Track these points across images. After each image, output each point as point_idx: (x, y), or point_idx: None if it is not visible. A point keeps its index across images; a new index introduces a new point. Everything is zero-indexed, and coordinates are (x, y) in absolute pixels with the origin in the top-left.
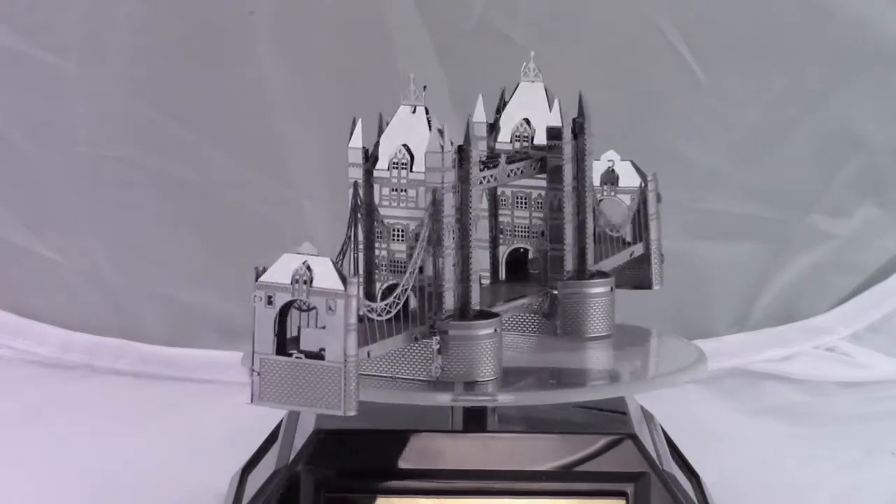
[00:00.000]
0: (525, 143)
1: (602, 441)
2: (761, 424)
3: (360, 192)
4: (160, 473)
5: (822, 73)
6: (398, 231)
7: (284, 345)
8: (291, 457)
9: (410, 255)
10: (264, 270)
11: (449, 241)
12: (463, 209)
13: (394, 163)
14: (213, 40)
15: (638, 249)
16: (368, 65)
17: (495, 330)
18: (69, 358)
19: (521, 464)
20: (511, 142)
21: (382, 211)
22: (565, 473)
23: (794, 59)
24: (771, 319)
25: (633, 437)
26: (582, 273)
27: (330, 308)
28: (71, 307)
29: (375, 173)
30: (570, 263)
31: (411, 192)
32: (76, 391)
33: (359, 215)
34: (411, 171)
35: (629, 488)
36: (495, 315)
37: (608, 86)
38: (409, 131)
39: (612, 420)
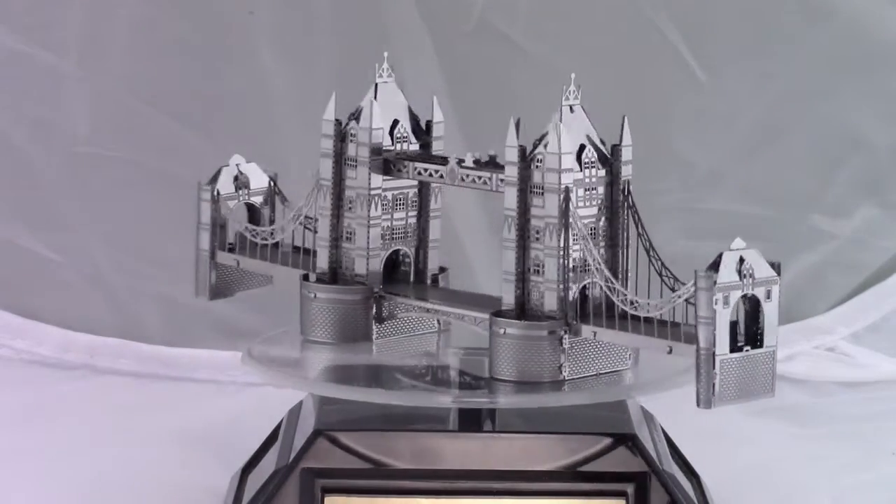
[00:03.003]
0: (406, 144)
1: (602, 441)
2: (761, 424)
3: (569, 197)
4: (160, 473)
5: (822, 73)
6: (592, 230)
7: (736, 342)
8: (291, 457)
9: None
10: (713, 275)
11: (624, 237)
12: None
13: (585, 163)
14: (214, 40)
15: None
16: (368, 64)
17: None
18: (69, 358)
19: (521, 464)
20: (393, 143)
21: (579, 212)
22: (565, 473)
23: (794, 59)
24: None
25: (633, 437)
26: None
27: (768, 296)
28: (71, 307)
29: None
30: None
31: (600, 190)
32: (76, 391)
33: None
34: (601, 168)
35: (629, 488)
36: None
37: (608, 86)
38: (582, 131)
39: (612, 420)
